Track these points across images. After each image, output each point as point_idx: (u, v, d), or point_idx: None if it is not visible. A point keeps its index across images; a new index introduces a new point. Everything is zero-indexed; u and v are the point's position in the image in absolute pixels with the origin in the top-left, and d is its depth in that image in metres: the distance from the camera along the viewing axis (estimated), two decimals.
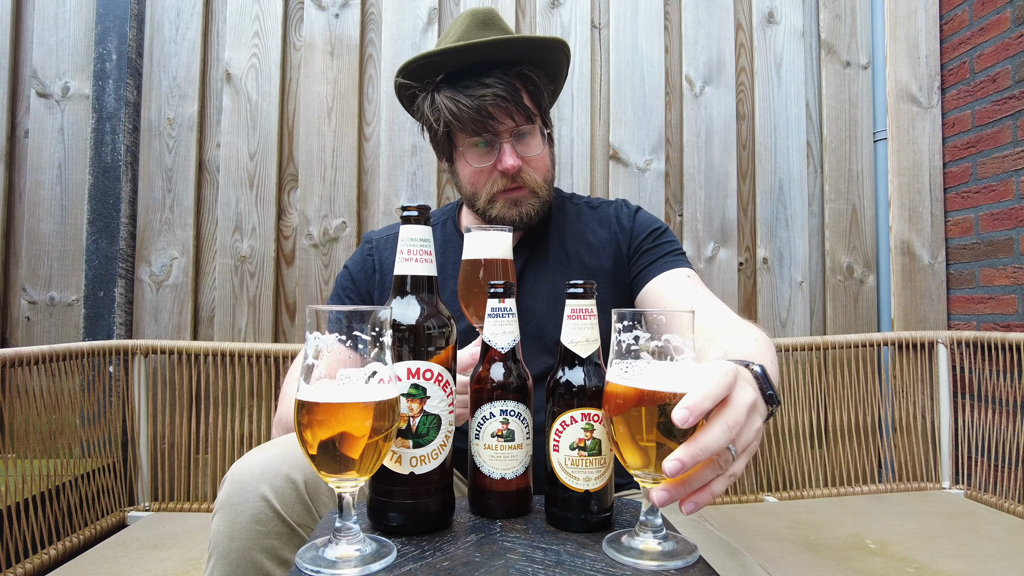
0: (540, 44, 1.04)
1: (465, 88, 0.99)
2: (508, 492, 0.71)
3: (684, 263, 1.11)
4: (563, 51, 1.08)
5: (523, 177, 1.05)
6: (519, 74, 1.03)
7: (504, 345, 0.72)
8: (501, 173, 1.03)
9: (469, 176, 1.07)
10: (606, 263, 1.13)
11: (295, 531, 0.77)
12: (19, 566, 1.23)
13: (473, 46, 0.98)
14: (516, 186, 1.05)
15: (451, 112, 1.00)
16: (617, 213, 1.19)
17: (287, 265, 1.83)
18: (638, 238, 1.14)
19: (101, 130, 1.74)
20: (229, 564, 0.75)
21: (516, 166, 1.02)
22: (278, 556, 0.76)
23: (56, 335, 1.74)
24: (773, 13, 1.96)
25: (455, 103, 0.99)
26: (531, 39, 1.03)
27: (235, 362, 1.67)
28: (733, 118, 1.93)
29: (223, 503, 0.77)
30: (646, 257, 1.11)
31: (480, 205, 1.07)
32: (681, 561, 0.59)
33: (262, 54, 1.83)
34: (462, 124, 1.01)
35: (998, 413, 1.65)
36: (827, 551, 1.30)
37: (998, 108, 1.75)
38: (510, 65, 1.02)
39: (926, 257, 1.92)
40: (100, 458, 1.54)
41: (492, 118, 1.00)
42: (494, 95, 0.99)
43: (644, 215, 1.20)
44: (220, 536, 0.76)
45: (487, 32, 1.03)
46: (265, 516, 0.76)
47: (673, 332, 0.62)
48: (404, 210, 0.68)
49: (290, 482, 0.77)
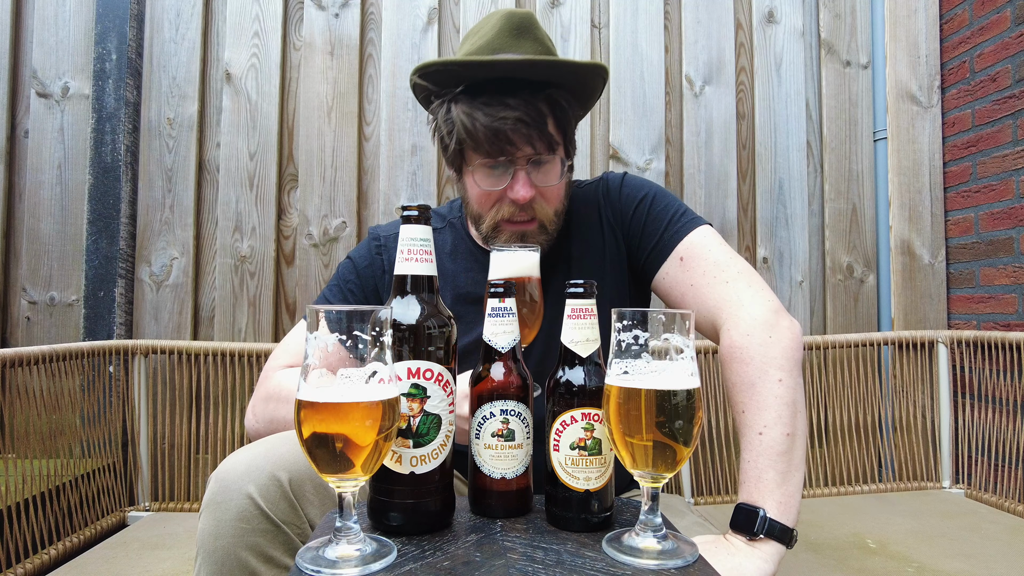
0: (577, 69, 0.94)
1: (486, 106, 0.90)
2: (508, 492, 0.71)
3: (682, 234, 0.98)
4: (602, 77, 0.97)
5: (534, 208, 0.95)
6: (547, 97, 0.93)
7: (504, 345, 0.72)
8: (511, 201, 0.94)
9: (476, 197, 0.97)
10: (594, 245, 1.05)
11: (280, 528, 0.77)
12: (19, 566, 1.23)
13: (502, 64, 0.89)
14: (525, 219, 0.96)
15: (466, 129, 0.91)
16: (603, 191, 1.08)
17: (287, 265, 1.83)
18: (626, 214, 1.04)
19: (101, 130, 1.74)
20: (215, 562, 0.75)
21: (529, 196, 0.93)
22: (263, 553, 0.76)
23: (56, 335, 1.74)
24: (773, 13, 1.96)
25: (472, 120, 0.90)
26: (568, 64, 0.92)
27: (235, 362, 1.67)
28: (733, 118, 1.93)
29: (208, 502, 0.77)
30: (645, 243, 1.02)
31: (484, 230, 0.99)
32: (681, 560, 0.59)
33: (262, 54, 1.83)
34: (476, 144, 0.92)
35: (998, 412, 1.65)
36: (827, 550, 1.30)
37: (998, 107, 1.75)
38: (539, 86, 0.92)
39: (926, 256, 1.92)
40: (100, 458, 1.54)
41: (510, 143, 0.91)
42: (516, 119, 0.89)
43: (629, 184, 1.07)
44: (205, 535, 0.76)
45: (521, 41, 0.94)
46: (250, 514, 0.76)
47: (673, 331, 0.62)
48: (404, 210, 0.68)
49: (274, 480, 0.77)
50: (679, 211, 1.02)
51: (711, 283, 0.94)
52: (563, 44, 1.90)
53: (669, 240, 0.99)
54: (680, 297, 0.98)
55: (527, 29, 0.95)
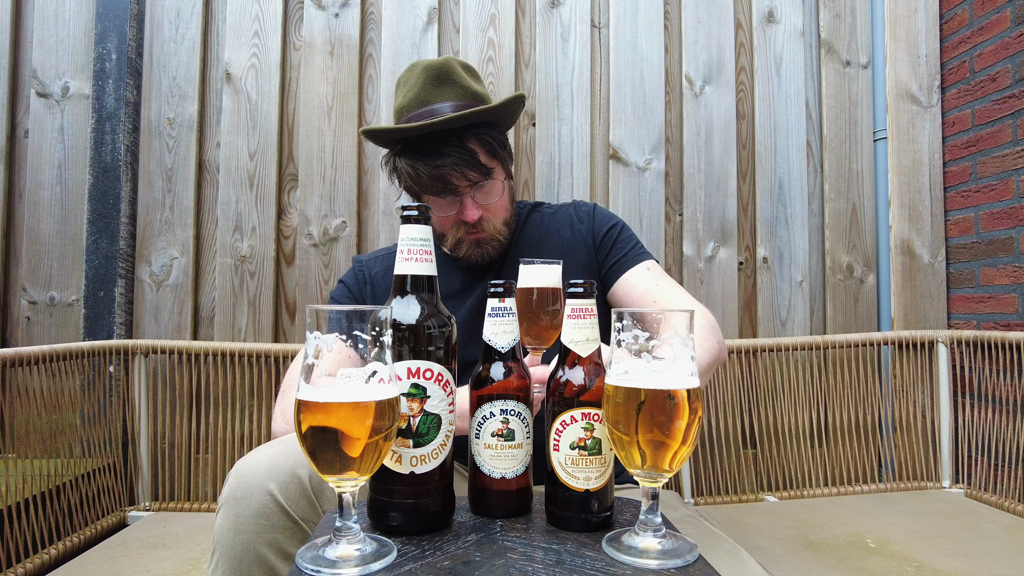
0: (496, 109, 1.07)
1: (425, 156, 1.05)
2: (508, 492, 0.71)
3: (645, 257, 1.19)
4: (519, 104, 1.12)
5: (482, 224, 1.12)
6: (475, 136, 1.08)
7: (504, 345, 0.72)
8: (463, 222, 1.11)
9: (436, 222, 1.13)
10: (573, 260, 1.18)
11: (299, 526, 0.77)
12: (19, 566, 1.23)
13: (430, 124, 1.03)
14: (478, 231, 1.12)
15: (412, 178, 1.07)
16: (576, 212, 1.26)
17: (287, 265, 1.83)
18: (600, 232, 1.21)
19: (101, 130, 1.74)
20: (233, 558, 0.75)
21: (477, 217, 1.10)
22: (282, 550, 0.76)
23: (56, 335, 1.74)
24: (773, 12, 1.96)
25: (416, 171, 1.06)
26: (484, 111, 1.06)
27: (235, 362, 1.67)
28: (733, 117, 1.93)
29: (227, 498, 0.77)
30: (612, 255, 1.19)
31: (448, 246, 1.15)
32: (681, 560, 0.59)
33: (262, 54, 1.83)
34: (423, 188, 1.09)
35: (998, 412, 1.65)
36: (827, 550, 1.30)
37: (998, 107, 1.75)
38: (466, 129, 1.07)
39: (926, 256, 1.92)
40: (100, 458, 1.54)
41: (450, 182, 1.06)
42: (451, 163, 1.04)
43: (602, 211, 1.27)
44: (224, 530, 0.76)
45: (442, 90, 1.08)
46: (269, 510, 0.76)
47: (672, 332, 0.62)
48: (404, 210, 0.68)
49: (295, 478, 0.78)
50: (640, 243, 1.23)
51: (674, 290, 1.15)
52: (563, 44, 1.90)
53: (635, 257, 1.19)
54: (643, 293, 1.14)
55: (446, 77, 1.09)
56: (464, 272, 1.19)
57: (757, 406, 1.76)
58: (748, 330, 1.92)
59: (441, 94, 1.08)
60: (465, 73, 1.12)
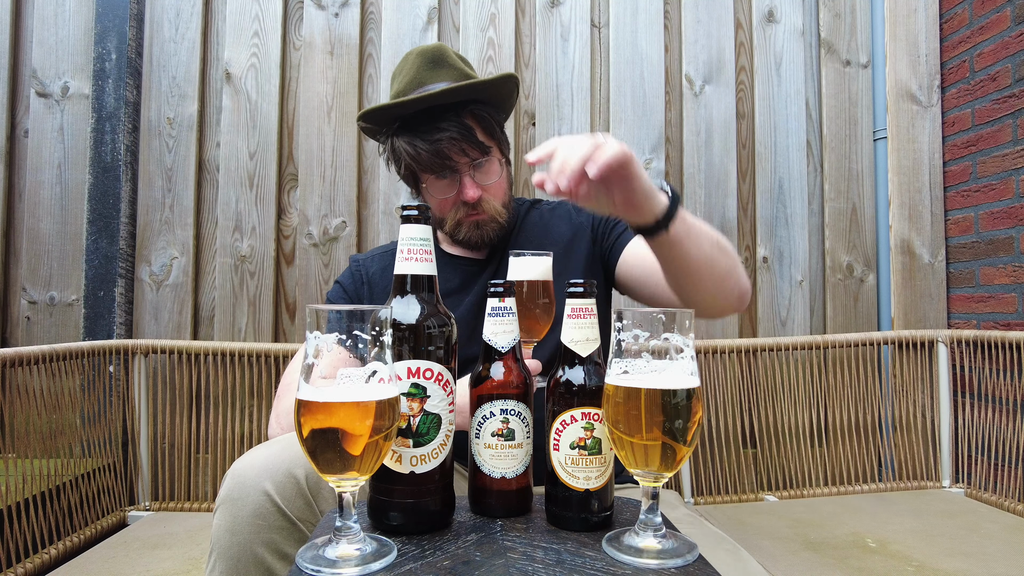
0: (490, 84, 1.08)
1: (422, 133, 1.06)
2: (508, 491, 0.71)
3: None
4: (513, 83, 1.13)
5: (482, 205, 1.11)
6: (471, 112, 1.08)
7: (504, 344, 0.72)
8: (463, 202, 1.11)
9: (435, 205, 1.14)
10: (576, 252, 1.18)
11: (296, 526, 0.77)
12: (19, 566, 1.23)
13: (427, 96, 1.04)
14: (478, 213, 1.12)
15: (411, 156, 1.07)
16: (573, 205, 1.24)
17: (287, 265, 1.83)
18: (597, 217, 1.21)
19: (101, 130, 1.74)
20: (230, 559, 0.75)
21: (477, 196, 1.10)
22: (279, 550, 0.76)
23: (56, 335, 1.74)
24: (773, 12, 1.96)
25: (413, 147, 1.06)
26: (479, 84, 1.07)
27: (235, 362, 1.67)
28: (733, 117, 1.93)
29: (224, 498, 0.77)
30: (611, 233, 1.19)
31: (447, 229, 1.15)
32: (681, 559, 0.59)
33: (262, 53, 1.83)
34: (422, 166, 1.08)
35: (998, 412, 1.65)
36: (827, 550, 1.30)
37: (998, 107, 1.75)
38: (462, 105, 1.07)
39: (926, 256, 1.92)
40: (100, 458, 1.54)
41: (449, 158, 1.06)
42: (449, 138, 1.04)
43: None
44: (221, 531, 0.76)
45: (437, 72, 1.09)
46: (266, 511, 0.76)
47: (673, 331, 0.62)
48: (404, 209, 0.68)
49: (291, 477, 0.78)
50: None
51: None
52: (563, 44, 1.90)
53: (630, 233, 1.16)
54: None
55: (441, 59, 1.11)
56: (463, 269, 1.19)
57: (757, 406, 1.76)
58: (748, 330, 1.92)
59: (436, 75, 1.09)
60: (459, 59, 1.14)
